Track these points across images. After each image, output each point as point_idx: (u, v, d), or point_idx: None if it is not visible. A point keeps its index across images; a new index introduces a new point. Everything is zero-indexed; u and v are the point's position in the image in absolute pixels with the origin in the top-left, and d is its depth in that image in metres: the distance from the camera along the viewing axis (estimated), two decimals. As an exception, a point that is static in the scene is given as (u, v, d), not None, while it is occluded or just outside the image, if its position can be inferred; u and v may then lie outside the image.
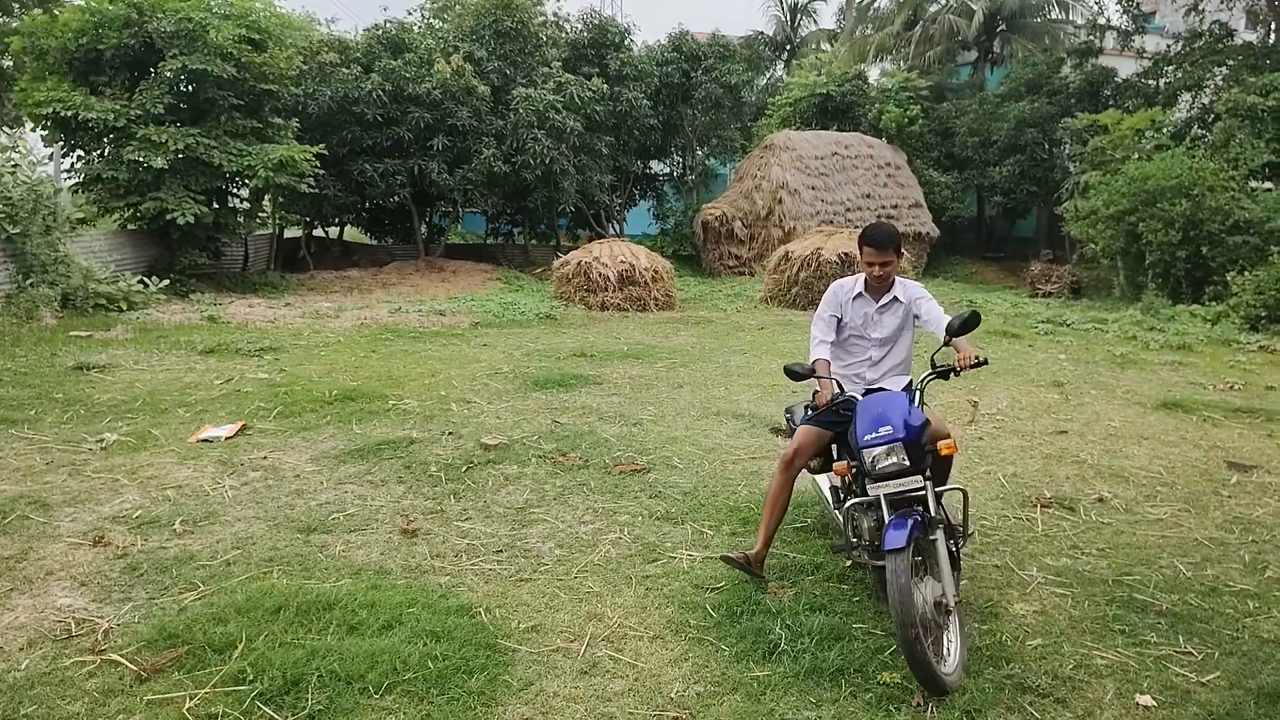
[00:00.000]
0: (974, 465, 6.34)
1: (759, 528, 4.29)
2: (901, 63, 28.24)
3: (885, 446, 3.70)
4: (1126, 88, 23.42)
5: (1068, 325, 14.09)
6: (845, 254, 15.43)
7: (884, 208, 22.09)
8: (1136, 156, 18.01)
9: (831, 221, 20.56)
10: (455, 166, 18.49)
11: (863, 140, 23.21)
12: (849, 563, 4.31)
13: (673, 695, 3.32)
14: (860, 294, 4.32)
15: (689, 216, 23.26)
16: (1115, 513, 5.46)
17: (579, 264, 15.38)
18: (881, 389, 4.22)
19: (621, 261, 15.23)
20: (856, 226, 19.60)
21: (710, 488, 5.67)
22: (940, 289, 19.01)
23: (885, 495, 3.73)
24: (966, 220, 26.20)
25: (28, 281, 11.38)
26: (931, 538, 3.63)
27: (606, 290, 14.98)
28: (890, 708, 3.26)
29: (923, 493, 3.73)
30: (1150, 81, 23.14)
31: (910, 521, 3.51)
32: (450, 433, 6.79)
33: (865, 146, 22.99)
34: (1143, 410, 8.28)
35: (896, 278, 4.30)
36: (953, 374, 4.07)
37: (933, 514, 3.69)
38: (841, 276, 15.67)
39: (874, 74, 28.38)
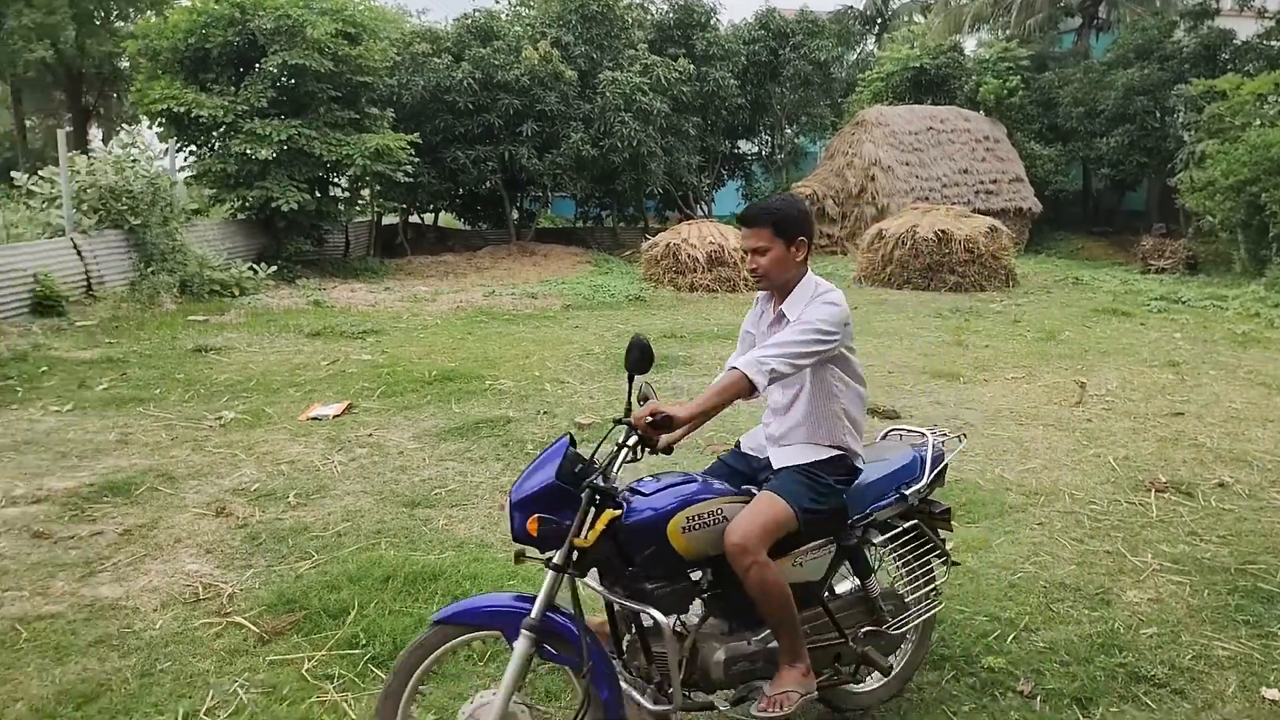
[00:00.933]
0: (1082, 448, 6.11)
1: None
2: (1000, 32, 27.13)
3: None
4: (1246, 50, 21.98)
5: (1183, 302, 13.39)
6: (942, 231, 15.00)
7: (982, 183, 21.36)
8: (1258, 123, 16.89)
9: (927, 198, 19.99)
10: (544, 151, 18.68)
11: (959, 114, 22.46)
12: None
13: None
14: (761, 300, 3.00)
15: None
16: (1237, 498, 5.19)
17: (667, 245, 15.36)
18: (775, 461, 2.87)
19: (710, 242, 15.15)
20: (954, 203, 19.00)
21: (805, 468, 5.62)
22: (1043, 266, 18.31)
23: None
24: (1071, 194, 25.07)
25: (149, 269, 12.04)
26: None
27: (695, 271, 14.94)
28: (995, 693, 3.19)
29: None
30: (1273, 43, 21.65)
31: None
32: (545, 412, 6.92)
33: (962, 120, 22.24)
34: (1267, 391, 7.82)
35: (809, 277, 2.83)
36: (638, 441, 2.53)
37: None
38: (938, 255, 15.33)
39: (970, 45, 27.38)
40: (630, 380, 2.63)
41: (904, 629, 2.99)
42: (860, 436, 2.90)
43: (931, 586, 3.11)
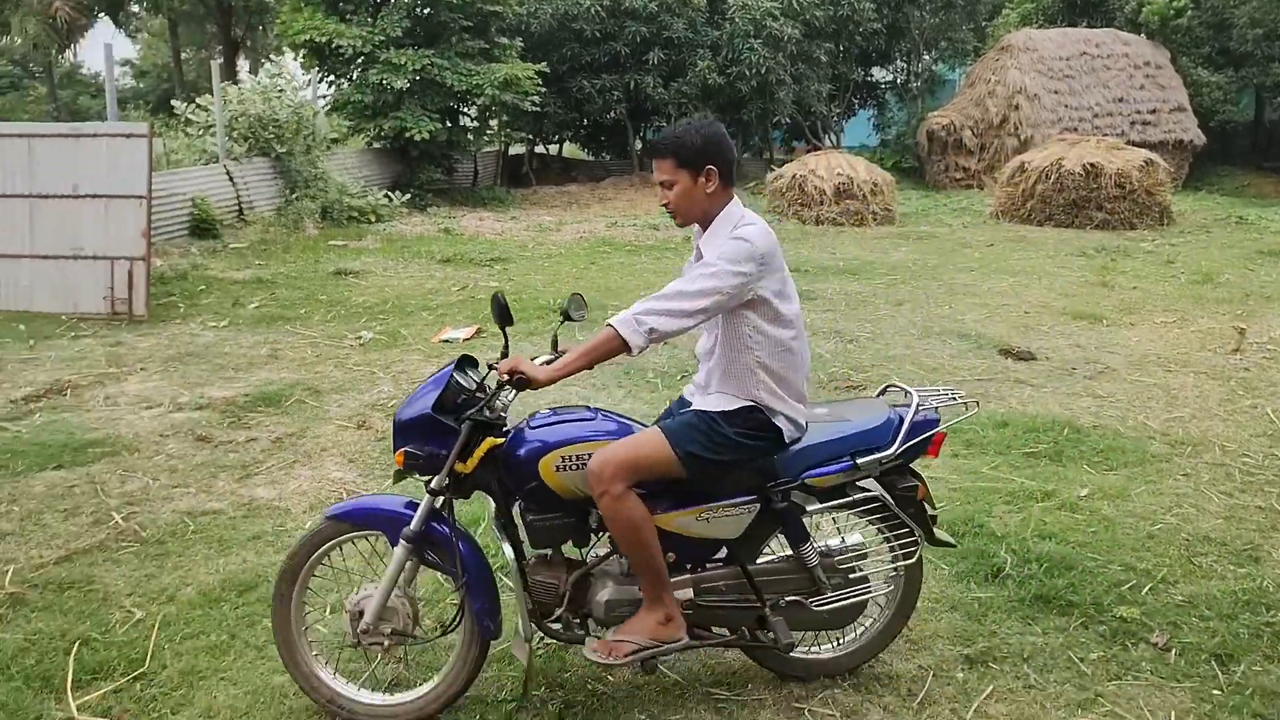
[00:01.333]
0: (1237, 398, 5.72)
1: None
2: (1171, -56, 24.73)
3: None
4: None
5: (1364, 246, 12.17)
6: (1091, 165, 14.04)
7: (1138, 113, 19.77)
8: None
9: (1075, 129, 18.69)
10: (670, 80, 18.41)
11: (1117, 37, 20.74)
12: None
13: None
14: (694, 236, 2.71)
15: (912, 126, 21.95)
16: None
17: (794, 177, 14.99)
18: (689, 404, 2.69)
19: (839, 174, 14.69)
20: (1105, 134, 17.70)
21: (931, 407, 5.48)
22: (1203, 204, 16.95)
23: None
24: (1240, 126, 22.93)
25: (293, 195, 12.66)
26: None
27: (822, 204, 14.55)
28: (1126, 643, 3.09)
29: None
30: None
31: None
32: (666, 342, 6.96)
33: (1120, 44, 20.54)
34: None
35: (730, 209, 2.55)
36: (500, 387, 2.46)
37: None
38: (1085, 190, 14.36)
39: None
40: (503, 331, 2.64)
41: (827, 607, 2.71)
42: (789, 391, 2.56)
43: (888, 567, 2.80)
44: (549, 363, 2.56)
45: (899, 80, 23.95)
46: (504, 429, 2.55)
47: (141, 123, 8.17)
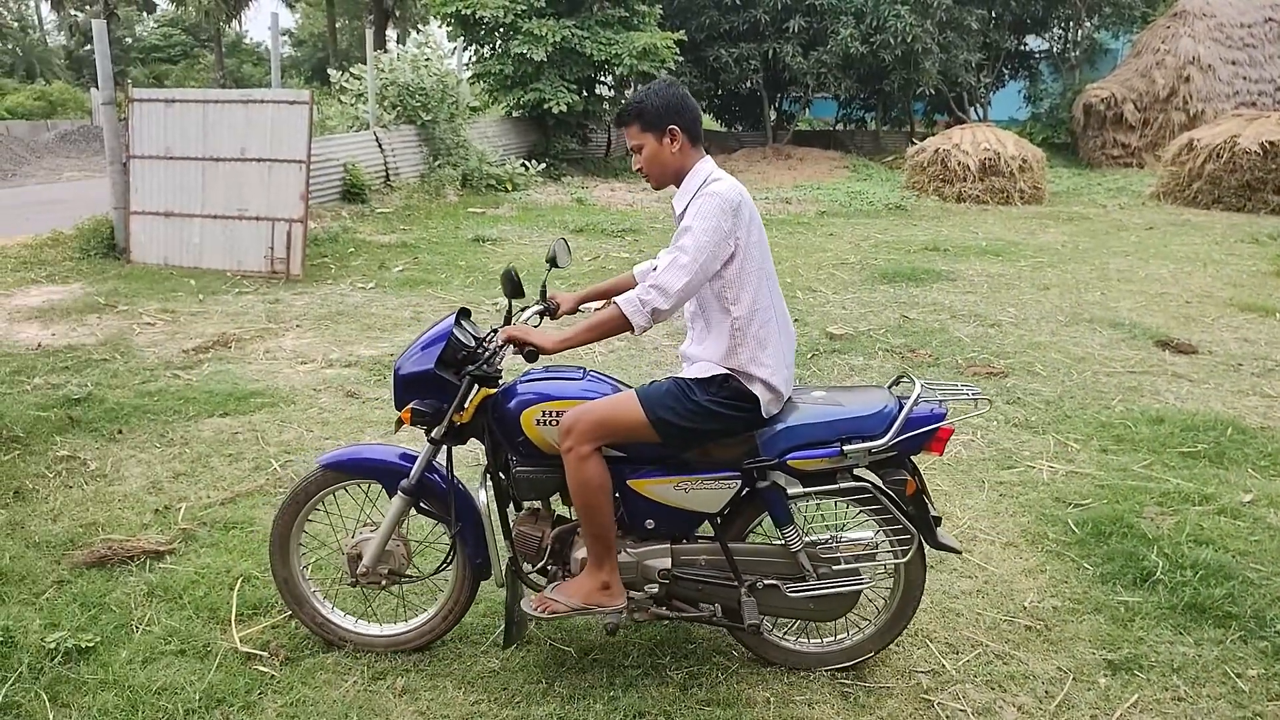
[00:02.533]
0: None
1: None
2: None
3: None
4: None
5: None
6: (1270, 144, 12.88)
7: (1330, 85, 17.99)
8: None
9: (1255, 104, 17.19)
10: (810, 49, 17.97)
11: (1310, 1, 18.88)
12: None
13: (1025, 604, 3.19)
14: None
15: (1067, 99, 20.67)
16: None
17: (936, 151, 14.42)
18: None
19: (985, 149, 14.03)
20: (1289, 109, 16.23)
21: (1078, 399, 5.22)
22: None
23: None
24: None
25: (436, 163, 13.11)
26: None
27: (965, 180, 13.95)
28: (1290, 662, 2.87)
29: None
30: None
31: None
32: (796, 319, 6.87)
33: (1313, 8, 18.69)
34: None
35: (699, 167, 2.55)
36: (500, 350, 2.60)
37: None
38: (1262, 170, 13.20)
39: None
40: (509, 303, 2.73)
41: (806, 595, 2.63)
42: (771, 356, 2.51)
43: (878, 563, 2.67)
44: (542, 312, 2.84)
45: (1055, 49, 22.57)
46: (499, 381, 2.65)
47: (304, 91, 8.61)
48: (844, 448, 2.52)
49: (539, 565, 2.72)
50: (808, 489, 2.59)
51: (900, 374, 2.83)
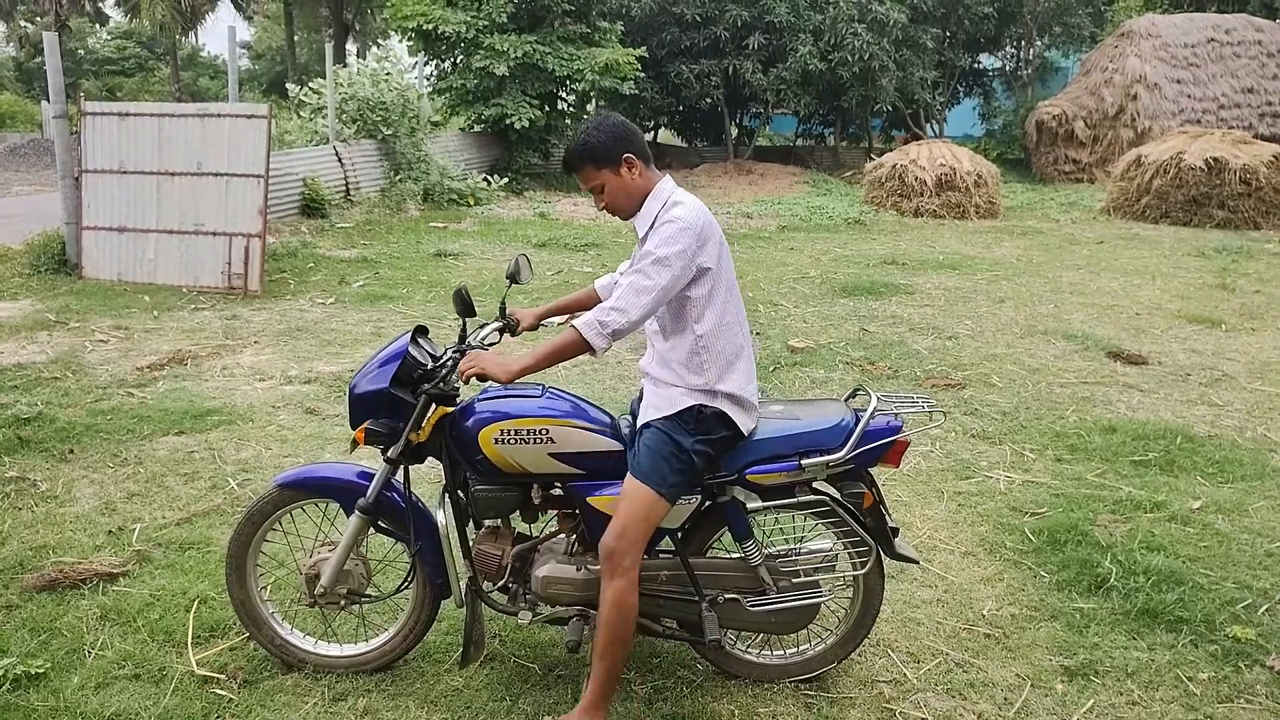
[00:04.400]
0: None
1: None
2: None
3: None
4: None
5: None
6: (1214, 159, 13.28)
7: (1269, 104, 18.61)
8: None
9: (1199, 121, 17.72)
10: (769, 66, 18.20)
11: (1249, 23, 19.53)
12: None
13: (984, 613, 3.24)
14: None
15: (1020, 116, 21.16)
16: None
17: (894, 166, 14.66)
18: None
19: (941, 164, 14.30)
20: (1231, 127, 16.77)
21: (1033, 409, 5.32)
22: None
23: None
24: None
25: (397, 177, 13.04)
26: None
27: (922, 195, 14.19)
28: (1239, 665, 2.95)
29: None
30: None
31: None
32: (757, 333, 6.93)
33: (1252, 31, 19.33)
34: None
35: (659, 188, 2.51)
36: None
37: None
38: (1207, 186, 13.54)
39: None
40: (463, 322, 2.72)
41: (767, 609, 2.65)
42: (736, 372, 2.50)
43: (837, 575, 2.69)
44: (501, 328, 2.82)
45: (1008, 67, 23.10)
46: (456, 400, 2.61)
47: (262, 105, 8.52)
48: (801, 461, 2.53)
49: (500, 584, 2.69)
50: (766, 503, 2.60)
51: (857, 387, 2.85)
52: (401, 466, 2.67)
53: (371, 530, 2.76)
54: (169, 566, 3.45)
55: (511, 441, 2.51)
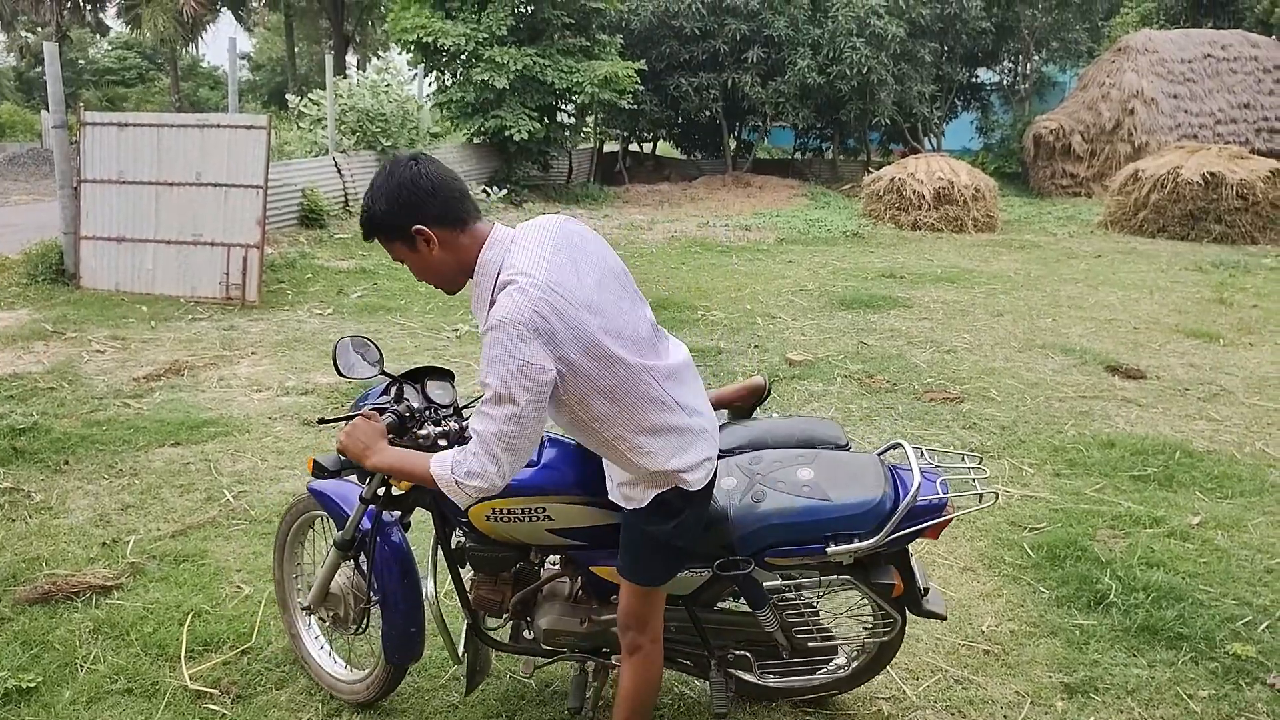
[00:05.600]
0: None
1: None
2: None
3: None
4: None
5: None
6: (1211, 174, 13.32)
7: (1266, 119, 18.67)
8: None
9: (1195, 136, 17.78)
10: (768, 79, 18.25)
11: (1245, 39, 19.63)
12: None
13: (983, 629, 3.22)
14: None
15: (1017, 130, 21.23)
16: None
17: (892, 180, 14.69)
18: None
19: (939, 178, 14.33)
20: (1227, 142, 16.83)
21: (1031, 424, 5.31)
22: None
23: None
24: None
25: (396, 189, 13.03)
26: None
27: (920, 209, 14.21)
28: (1240, 682, 2.93)
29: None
30: None
31: None
32: (756, 345, 6.92)
33: (1249, 47, 19.43)
34: None
35: (484, 261, 1.99)
36: None
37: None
38: (1204, 201, 13.56)
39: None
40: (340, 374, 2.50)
41: (771, 684, 2.59)
42: (669, 430, 2.05)
43: (858, 639, 2.59)
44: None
45: (1005, 82, 23.20)
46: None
47: (261, 115, 8.53)
48: (828, 548, 2.27)
49: (502, 620, 2.57)
50: (786, 582, 2.40)
51: (893, 441, 2.56)
52: (400, 511, 2.51)
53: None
54: (163, 579, 3.43)
55: (505, 520, 2.28)
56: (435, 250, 1.97)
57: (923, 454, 2.44)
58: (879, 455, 2.51)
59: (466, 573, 2.55)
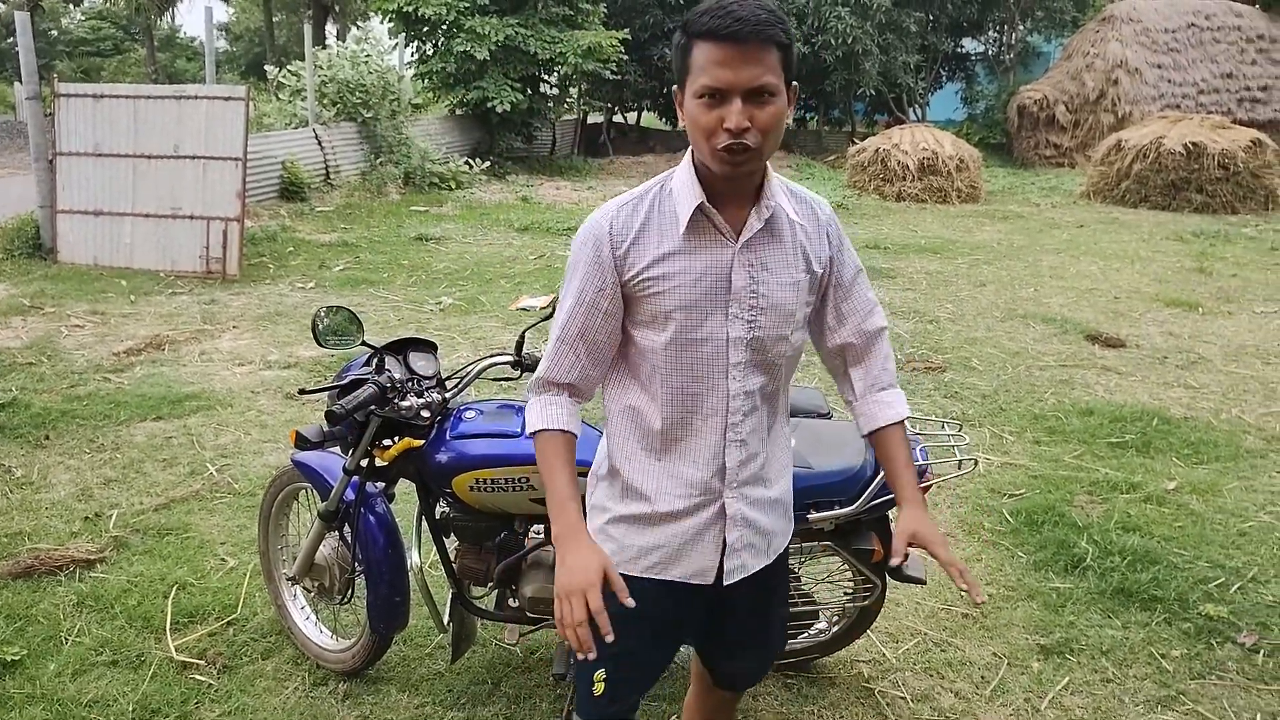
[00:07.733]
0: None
1: None
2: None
3: None
4: None
5: None
6: (1193, 144, 13.37)
7: (1248, 89, 18.75)
8: None
9: (1178, 106, 17.83)
10: (753, 49, 18.15)
11: (1229, 8, 19.64)
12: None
13: (962, 594, 3.26)
14: (685, 222, 1.60)
15: (1002, 100, 21.21)
16: None
17: (877, 151, 14.67)
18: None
19: (923, 149, 14.32)
20: (1210, 111, 16.90)
21: (1013, 392, 5.36)
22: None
23: None
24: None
25: (378, 160, 12.91)
26: None
27: (904, 179, 14.21)
28: (1211, 641, 3.00)
29: None
30: None
31: None
32: (741, 317, 6.93)
33: (1232, 16, 19.45)
34: None
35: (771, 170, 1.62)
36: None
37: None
38: (1186, 171, 13.62)
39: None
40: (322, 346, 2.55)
41: None
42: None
43: (838, 604, 2.63)
44: (516, 364, 2.45)
45: (990, 52, 23.14)
46: (424, 432, 2.37)
47: (240, 86, 8.41)
48: (810, 515, 2.29)
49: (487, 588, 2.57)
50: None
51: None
52: (386, 481, 2.53)
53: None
54: (147, 552, 3.43)
55: (489, 490, 2.30)
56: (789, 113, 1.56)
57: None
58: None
59: (451, 542, 2.56)
